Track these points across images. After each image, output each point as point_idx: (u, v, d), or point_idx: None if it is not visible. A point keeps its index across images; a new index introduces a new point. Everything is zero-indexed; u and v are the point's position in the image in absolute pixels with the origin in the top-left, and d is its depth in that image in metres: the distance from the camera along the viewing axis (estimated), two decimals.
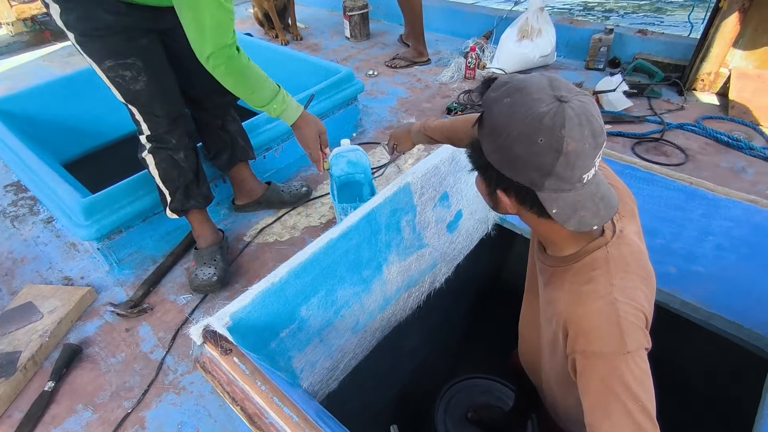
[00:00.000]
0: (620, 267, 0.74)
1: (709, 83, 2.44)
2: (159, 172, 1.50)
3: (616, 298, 0.70)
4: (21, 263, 1.76)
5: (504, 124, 0.67)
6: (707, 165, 1.96)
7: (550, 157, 0.65)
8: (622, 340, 0.67)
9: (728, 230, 1.25)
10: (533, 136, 0.64)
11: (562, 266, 0.81)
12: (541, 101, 0.65)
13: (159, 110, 1.42)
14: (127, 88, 1.35)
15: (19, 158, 1.88)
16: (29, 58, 3.69)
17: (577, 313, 0.73)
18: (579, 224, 0.69)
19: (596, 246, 0.77)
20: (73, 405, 1.27)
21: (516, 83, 0.69)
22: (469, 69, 2.81)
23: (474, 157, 0.76)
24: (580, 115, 0.64)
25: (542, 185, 0.67)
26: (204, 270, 1.55)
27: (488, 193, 0.78)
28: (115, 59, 1.30)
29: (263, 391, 0.85)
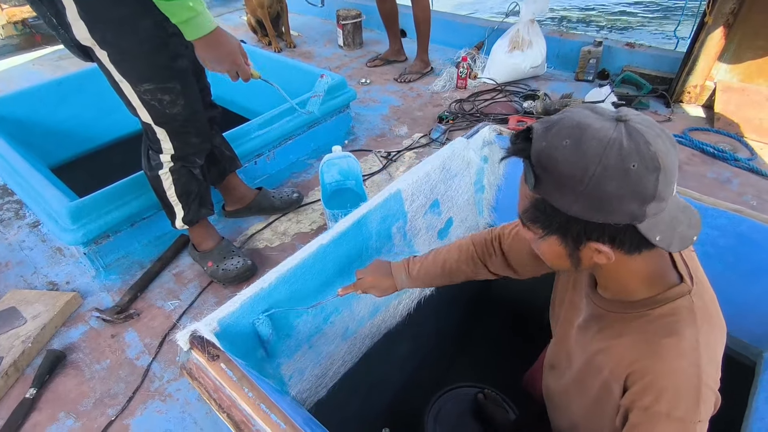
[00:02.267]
0: (705, 320, 0.67)
1: (695, 96, 2.49)
2: (177, 189, 1.48)
3: (702, 361, 0.64)
4: (5, 268, 1.73)
5: (581, 167, 0.58)
6: (694, 175, 1.99)
7: (650, 179, 0.57)
8: (698, 408, 0.63)
9: (714, 239, 1.26)
10: (624, 164, 0.56)
11: (631, 312, 0.72)
12: (605, 128, 0.58)
13: (194, 131, 1.40)
14: (163, 112, 1.31)
15: (5, 161, 1.86)
16: (19, 62, 3.66)
17: (653, 368, 0.66)
18: (681, 241, 0.61)
19: (679, 293, 0.69)
20: (55, 412, 1.25)
21: (565, 122, 0.61)
22: (461, 79, 2.84)
23: (542, 221, 0.66)
24: (650, 127, 0.58)
25: (644, 214, 0.59)
26: (231, 261, 1.58)
27: (569, 253, 0.68)
28: (156, 83, 1.25)
29: (250, 398, 0.84)
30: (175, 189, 1.48)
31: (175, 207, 1.52)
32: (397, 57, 3.30)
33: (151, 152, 1.44)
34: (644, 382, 0.66)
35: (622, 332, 0.73)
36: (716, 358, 0.67)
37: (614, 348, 0.73)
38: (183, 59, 1.30)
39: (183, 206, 1.52)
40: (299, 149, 2.25)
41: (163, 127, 1.35)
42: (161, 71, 1.26)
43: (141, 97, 1.27)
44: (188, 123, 1.37)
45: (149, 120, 1.33)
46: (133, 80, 1.24)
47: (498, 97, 2.72)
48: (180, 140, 1.39)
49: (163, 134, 1.37)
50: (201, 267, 1.65)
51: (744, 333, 1.31)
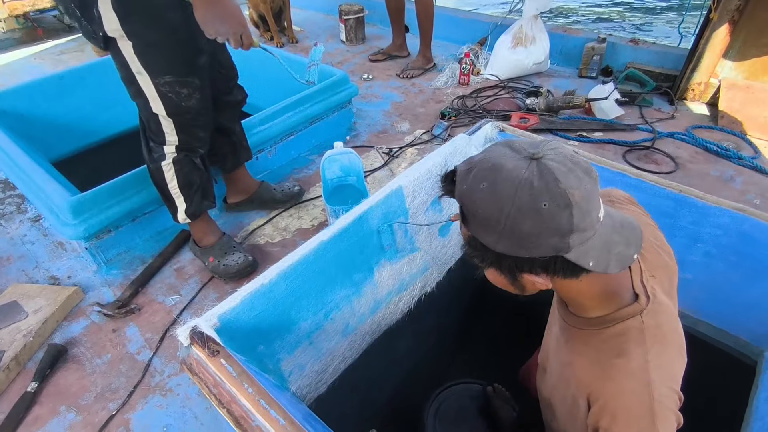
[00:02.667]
0: (656, 339, 0.68)
1: (699, 93, 2.47)
2: (179, 180, 1.47)
3: (651, 379, 0.64)
4: (7, 262, 1.74)
5: (496, 209, 0.61)
6: (697, 173, 1.98)
7: (563, 215, 0.58)
8: (654, 426, 0.63)
9: (717, 238, 1.26)
10: (535, 204, 0.58)
11: (586, 329, 0.74)
12: (518, 169, 0.60)
13: (202, 125, 1.43)
14: (178, 104, 1.32)
15: (7, 155, 1.86)
16: (21, 56, 3.66)
17: (606, 390, 0.68)
18: (619, 262, 0.63)
19: (630, 313, 0.70)
20: (56, 406, 1.25)
21: (481, 165, 0.63)
22: (464, 75, 2.83)
23: (478, 255, 0.69)
24: (562, 162, 0.60)
25: (567, 246, 0.60)
26: (232, 257, 1.58)
27: (511, 282, 0.70)
28: (176, 76, 1.27)
29: (250, 393, 0.84)
30: (177, 180, 1.47)
31: (176, 200, 1.51)
32: (400, 52, 3.29)
33: (153, 144, 1.44)
34: (599, 405, 0.68)
35: (580, 350, 0.75)
36: (671, 376, 0.68)
37: (576, 364, 0.75)
38: (204, 55, 1.33)
39: (185, 198, 1.51)
40: (301, 145, 2.25)
41: (172, 119, 1.35)
42: (183, 65, 1.28)
43: (159, 89, 1.28)
44: (198, 117, 1.39)
45: (161, 111, 1.33)
46: (155, 72, 1.25)
47: (501, 93, 2.70)
48: (187, 133, 1.40)
49: (170, 126, 1.37)
50: (202, 262, 1.65)
51: (745, 332, 1.31)
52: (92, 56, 3.52)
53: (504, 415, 1.78)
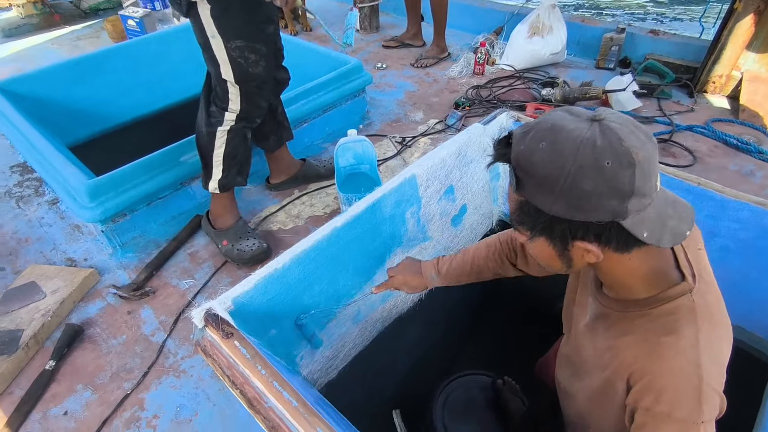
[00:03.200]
0: (706, 319, 0.66)
1: (720, 86, 2.42)
2: (227, 148, 1.52)
3: (702, 359, 0.63)
4: (25, 243, 1.77)
5: (557, 167, 0.59)
6: (715, 167, 1.95)
7: (626, 175, 0.57)
8: (699, 408, 0.62)
9: (735, 232, 1.23)
10: (598, 162, 0.57)
11: (633, 310, 0.72)
12: (579, 128, 0.59)
13: (265, 95, 1.48)
14: (246, 70, 1.38)
15: (26, 139, 1.88)
16: (38, 41, 3.69)
17: (652, 368, 0.66)
18: (673, 237, 0.61)
19: (680, 292, 0.68)
20: (73, 384, 1.28)
21: (540, 126, 0.62)
22: (478, 65, 2.80)
23: (528, 222, 0.67)
24: (624, 125, 0.59)
25: (625, 211, 0.59)
26: (246, 243, 1.60)
27: (559, 253, 0.68)
28: (246, 41, 1.34)
29: (263, 375, 0.85)
30: (225, 149, 1.51)
31: (215, 168, 1.55)
32: (414, 41, 3.26)
33: (215, 108, 1.48)
34: (644, 383, 0.66)
35: (625, 331, 0.72)
36: (719, 357, 0.66)
37: (618, 347, 0.72)
38: (272, 25, 1.42)
39: (223, 168, 1.54)
40: (314, 133, 2.25)
41: (239, 86, 1.41)
42: (254, 31, 1.35)
43: (230, 53, 1.34)
44: (263, 86, 1.45)
45: (230, 77, 1.39)
46: (228, 36, 1.32)
47: (516, 83, 2.67)
48: (250, 102, 1.46)
49: (236, 94, 1.42)
50: (215, 245, 1.66)
51: (761, 328, 1.29)
52: (108, 42, 3.54)
53: (513, 408, 1.78)
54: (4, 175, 2.18)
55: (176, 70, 2.63)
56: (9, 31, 3.76)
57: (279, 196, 1.93)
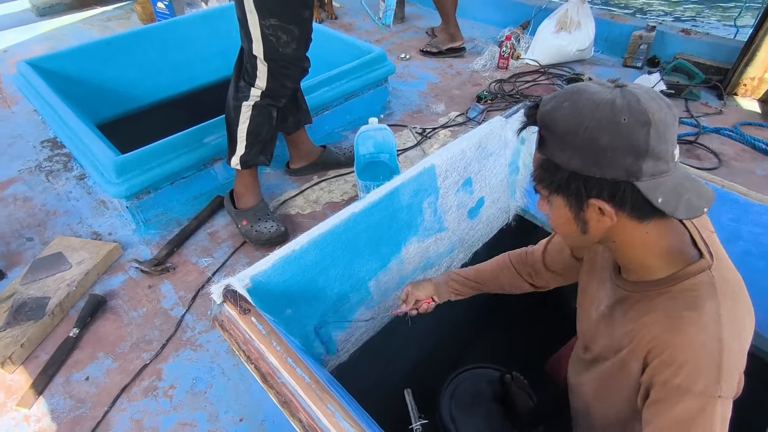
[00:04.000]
0: (727, 295, 0.66)
1: (751, 89, 2.35)
2: (251, 124, 1.55)
3: (724, 334, 0.63)
4: (53, 216, 1.83)
5: (576, 123, 0.63)
6: (741, 171, 1.90)
7: (641, 132, 0.60)
8: (718, 383, 0.61)
9: (757, 236, 1.21)
10: (615, 118, 0.60)
11: (652, 290, 0.72)
12: (601, 92, 0.63)
13: (292, 76, 1.52)
14: (276, 49, 1.41)
15: (57, 115, 1.94)
16: (70, 21, 3.78)
17: (673, 341, 0.65)
18: (688, 209, 0.62)
19: (699, 269, 0.68)
20: (95, 352, 1.33)
21: (567, 89, 0.66)
22: (503, 58, 2.77)
23: (547, 179, 0.70)
24: (646, 91, 0.62)
25: (640, 171, 0.61)
26: (265, 224, 1.63)
27: (575, 214, 0.70)
28: (281, 21, 1.37)
29: (278, 351, 0.87)
30: (249, 125, 1.54)
31: (239, 143, 1.58)
32: (452, 43, 2.98)
33: (243, 83, 1.52)
34: (663, 357, 0.66)
35: (645, 311, 0.72)
36: (741, 334, 0.66)
37: (637, 328, 0.72)
38: (308, 10, 1.44)
39: (247, 144, 1.58)
40: (335, 120, 2.26)
41: (268, 64, 1.44)
42: (289, 13, 1.38)
43: (263, 30, 1.38)
44: (290, 66, 1.48)
45: (260, 54, 1.42)
46: (264, 13, 1.35)
47: (540, 79, 2.64)
48: (276, 81, 1.49)
49: (264, 71, 1.46)
50: (235, 224, 1.70)
51: None
52: (138, 24, 3.60)
53: (521, 403, 1.78)
54: (35, 149, 2.25)
55: (202, 54, 2.67)
56: (43, 10, 3.85)
57: (298, 181, 1.96)
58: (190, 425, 1.16)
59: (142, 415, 1.18)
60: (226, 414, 1.18)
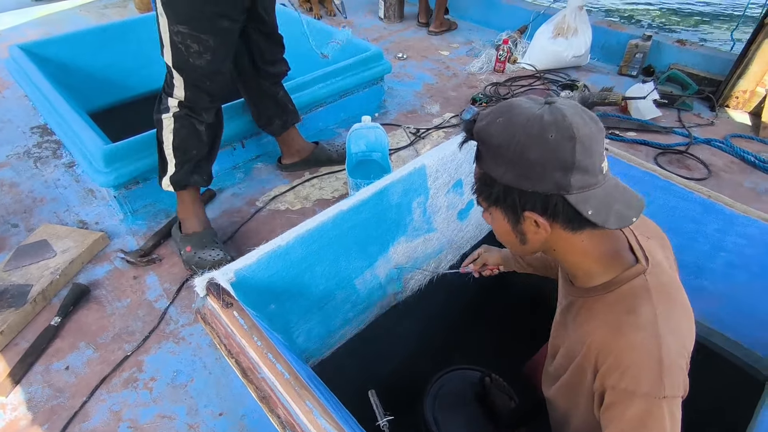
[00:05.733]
0: (662, 297, 0.70)
1: (743, 101, 2.38)
2: (174, 139, 1.44)
3: (660, 332, 0.65)
4: (40, 203, 1.81)
5: (507, 138, 0.65)
6: (729, 183, 1.92)
7: (567, 147, 0.63)
8: (661, 381, 0.63)
9: (741, 248, 1.23)
10: (543, 134, 0.63)
11: (593, 296, 0.75)
12: (532, 108, 0.66)
13: (210, 90, 1.41)
14: (186, 59, 1.32)
15: (48, 102, 1.92)
16: (66, 6, 3.74)
17: (614, 346, 0.68)
18: (618, 219, 0.65)
19: (634, 273, 0.72)
20: (76, 341, 1.32)
21: (501, 106, 0.69)
22: (500, 62, 2.78)
23: (485, 192, 0.73)
24: (572, 107, 0.65)
25: (568, 184, 0.64)
26: (211, 252, 1.49)
27: (513, 226, 0.73)
28: (191, 29, 1.27)
29: (259, 346, 0.87)
30: (173, 139, 1.43)
31: (168, 162, 1.47)
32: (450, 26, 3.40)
33: (164, 95, 1.43)
34: (609, 361, 0.68)
35: (589, 317, 0.76)
36: (679, 332, 0.68)
37: (584, 333, 0.75)
38: (227, 21, 1.32)
39: (176, 163, 1.46)
40: (329, 117, 2.26)
41: (179, 73, 1.35)
42: (201, 21, 1.27)
43: (172, 37, 1.29)
44: (205, 78, 1.37)
45: (170, 61, 1.34)
46: (172, 18, 1.26)
47: (535, 84, 2.65)
48: (193, 92, 1.39)
49: (179, 80, 1.37)
50: (178, 251, 1.57)
51: (759, 346, 1.28)
52: (134, 13, 3.57)
53: (501, 404, 1.79)
54: (24, 135, 2.23)
55: None
56: None
57: (289, 177, 1.95)
58: (169, 418, 1.15)
59: (121, 407, 1.17)
60: (205, 408, 1.17)
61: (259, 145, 2.04)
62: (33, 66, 2.09)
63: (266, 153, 2.06)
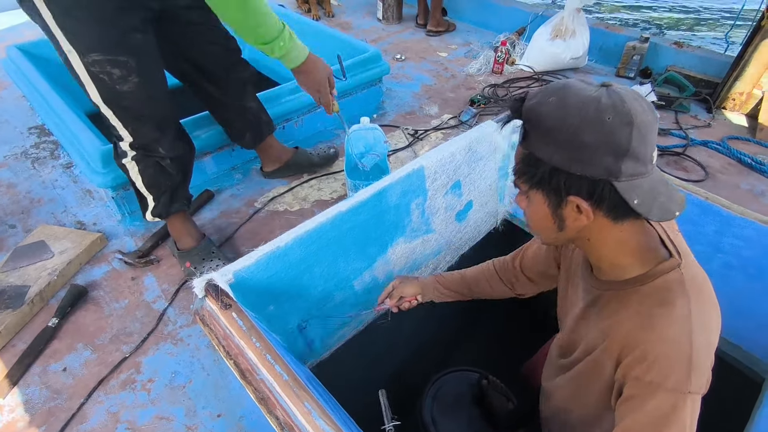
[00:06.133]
0: (695, 292, 0.69)
1: (740, 103, 2.39)
2: (144, 179, 1.38)
3: (693, 328, 0.65)
4: (38, 203, 1.81)
5: (561, 119, 0.63)
6: (726, 185, 1.93)
7: (624, 132, 0.61)
8: (689, 378, 0.63)
9: (738, 249, 1.23)
10: (599, 117, 0.61)
11: (624, 289, 0.74)
12: (587, 89, 0.64)
13: (147, 116, 1.27)
14: (112, 88, 1.17)
15: (45, 102, 1.92)
16: None
17: (644, 338, 0.67)
18: (661, 212, 0.64)
19: (669, 267, 0.70)
20: (74, 343, 1.32)
21: (554, 84, 0.67)
22: (498, 63, 2.78)
23: (528, 173, 0.70)
24: (630, 92, 0.64)
25: (619, 170, 0.62)
26: (210, 264, 1.49)
27: (553, 211, 0.71)
28: (104, 54, 1.12)
29: (257, 347, 0.87)
30: (142, 179, 1.38)
31: (146, 197, 1.43)
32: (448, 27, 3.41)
33: (114, 140, 1.33)
34: (636, 353, 0.68)
35: (618, 309, 0.74)
36: (709, 329, 0.67)
37: (610, 326, 0.74)
38: (139, 34, 1.19)
39: (153, 198, 1.42)
40: (328, 118, 2.25)
41: (111, 109, 1.22)
42: (112, 41, 1.13)
43: (89, 68, 1.14)
44: (142, 106, 1.24)
45: (98, 99, 1.20)
46: (80, 48, 1.11)
47: (533, 85, 2.66)
48: (133, 127, 1.26)
49: (114, 119, 1.24)
50: (180, 266, 1.56)
51: (758, 348, 1.29)
52: None
53: (498, 406, 1.79)
54: (22, 135, 2.22)
55: None
56: None
57: (288, 178, 1.95)
58: (167, 419, 1.15)
59: (119, 408, 1.17)
60: (204, 409, 1.17)
61: None
62: (31, 66, 2.08)
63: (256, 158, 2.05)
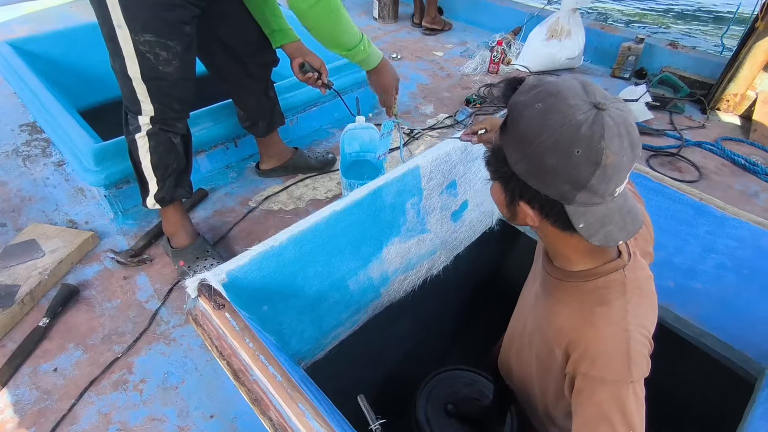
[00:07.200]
0: (635, 292, 0.73)
1: (734, 104, 2.40)
2: (152, 158, 1.38)
3: (629, 326, 0.69)
4: (29, 202, 1.78)
5: (536, 132, 0.61)
6: (720, 185, 1.94)
7: (586, 170, 0.60)
8: (629, 369, 0.67)
9: (732, 250, 1.24)
10: (570, 147, 0.59)
11: (571, 281, 0.77)
12: (577, 108, 0.60)
13: (178, 96, 1.34)
14: (155, 67, 1.25)
15: (37, 99, 1.89)
16: (57, 2, 3.69)
17: (586, 336, 0.72)
18: (605, 239, 0.65)
19: (613, 268, 0.74)
20: (65, 343, 1.30)
21: (548, 87, 0.63)
22: (494, 63, 2.79)
23: (495, 165, 0.71)
24: (619, 125, 0.60)
25: (573, 198, 0.63)
26: (204, 263, 1.48)
27: (507, 204, 0.73)
28: (157, 36, 1.21)
29: (251, 348, 0.86)
30: (151, 158, 1.38)
31: (149, 181, 1.41)
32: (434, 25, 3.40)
33: (130, 115, 1.36)
34: (580, 350, 0.73)
35: (561, 299, 0.79)
36: (645, 325, 0.72)
37: (556, 314, 0.79)
38: (189, 27, 1.28)
39: (158, 181, 1.41)
40: (323, 117, 2.25)
41: (146, 84, 1.27)
42: (166, 27, 1.22)
43: (138, 46, 1.20)
44: (175, 86, 1.31)
45: (137, 74, 1.25)
46: (135, 27, 1.18)
47: None
48: (161, 102, 1.32)
49: (144, 93, 1.29)
50: (173, 264, 1.55)
51: (749, 347, 1.29)
52: None
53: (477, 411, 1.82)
54: (13, 133, 2.19)
55: None
56: None
57: (282, 177, 1.94)
58: (160, 420, 1.14)
59: (110, 409, 1.16)
60: (197, 410, 1.16)
61: (253, 145, 2.02)
62: (22, 63, 2.06)
63: (252, 155, 2.04)
